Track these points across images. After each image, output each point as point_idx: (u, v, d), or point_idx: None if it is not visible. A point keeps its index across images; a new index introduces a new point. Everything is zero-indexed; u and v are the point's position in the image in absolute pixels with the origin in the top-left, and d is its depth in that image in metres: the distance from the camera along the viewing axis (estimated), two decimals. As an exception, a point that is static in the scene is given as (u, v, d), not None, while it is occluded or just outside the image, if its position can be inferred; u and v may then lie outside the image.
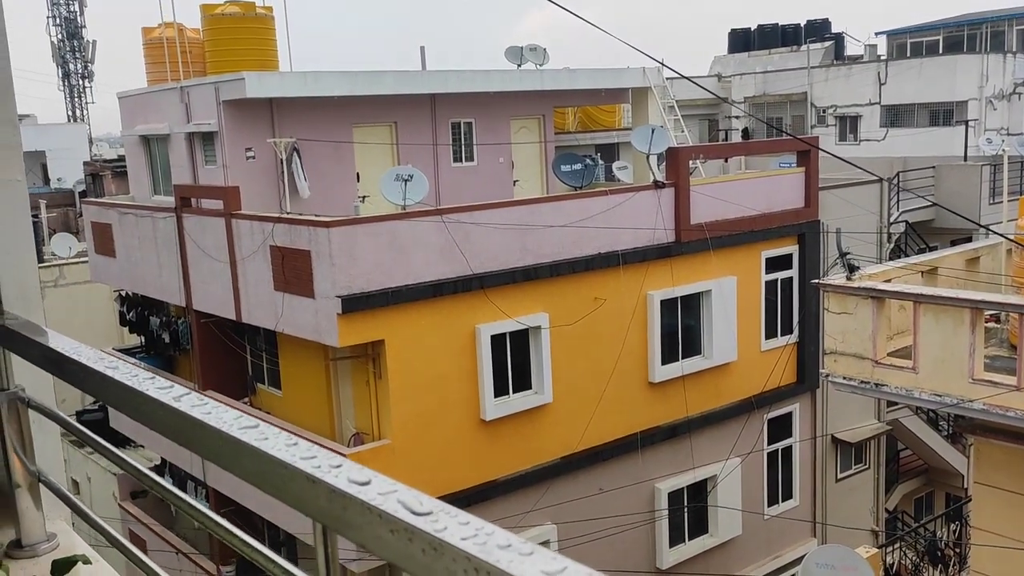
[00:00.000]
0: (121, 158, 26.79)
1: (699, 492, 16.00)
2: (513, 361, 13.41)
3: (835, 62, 37.22)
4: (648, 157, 15.74)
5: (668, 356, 15.08)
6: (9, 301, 2.22)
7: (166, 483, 1.58)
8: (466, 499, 12.57)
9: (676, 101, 19.98)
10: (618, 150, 22.57)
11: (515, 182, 18.36)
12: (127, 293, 17.84)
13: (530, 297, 13.44)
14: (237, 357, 15.26)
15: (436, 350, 12.68)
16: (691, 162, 16.30)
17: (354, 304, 11.91)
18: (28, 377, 2.18)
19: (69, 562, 1.93)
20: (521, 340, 13.49)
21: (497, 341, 13.17)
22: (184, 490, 17.15)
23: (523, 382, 13.59)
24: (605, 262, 14.06)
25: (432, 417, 12.65)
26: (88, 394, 1.65)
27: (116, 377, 1.53)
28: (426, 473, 12.48)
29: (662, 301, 14.85)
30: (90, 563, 1.99)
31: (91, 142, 43.18)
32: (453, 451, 12.88)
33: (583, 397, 14.05)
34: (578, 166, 17.22)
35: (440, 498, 1.18)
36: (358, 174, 16.43)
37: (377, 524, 0.96)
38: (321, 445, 5.50)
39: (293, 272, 12.47)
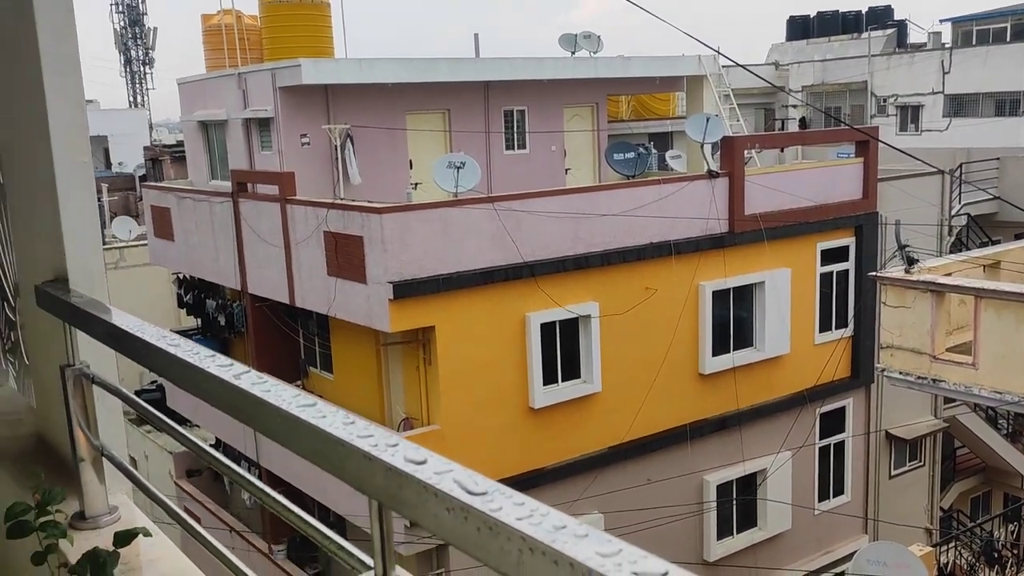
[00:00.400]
0: (180, 143, 27.33)
1: (748, 485, 15.84)
2: (562, 350, 13.40)
3: (897, 50, 36.31)
4: (702, 146, 15.55)
5: (719, 348, 14.92)
6: (75, 280, 2.28)
7: (226, 460, 1.62)
8: (514, 486, 12.40)
9: (732, 90, 19.70)
10: (672, 139, 22.35)
11: (567, 170, 18.30)
12: (185, 276, 18.23)
13: (581, 286, 13.40)
14: (290, 340, 15.50)
15: (486, 337, 12.73)
16: (746, 152, 16.07)
17: (405, 290, 12.01)
18: (92, 354, 2.24)
19: (130, 534, 1.98)
20: (571, 329, 13.47)
21: (547, 329, 13.17)
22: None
23: (572, 371, 13.58)
24: (657, 252, 13.95)
25: (481, 404, 12.71)
26: (150, 370, 1.69)
27: (178, 354, 1.57)
28: (474, 459, 12.51)
29: (714, 292, 14.69)
30: (150, 535, 2.04)
31: (151, 127, 44.15)
32: (501, 438, 12.94)
33: (632, 387, 13.99)
34: (631, 155, 17.09)
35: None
36: (411, 161, 16.54)
37: (433, 503, 0.97)
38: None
39: (346, 257, 12.61)
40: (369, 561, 1.23)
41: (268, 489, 1.46)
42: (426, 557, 12.68)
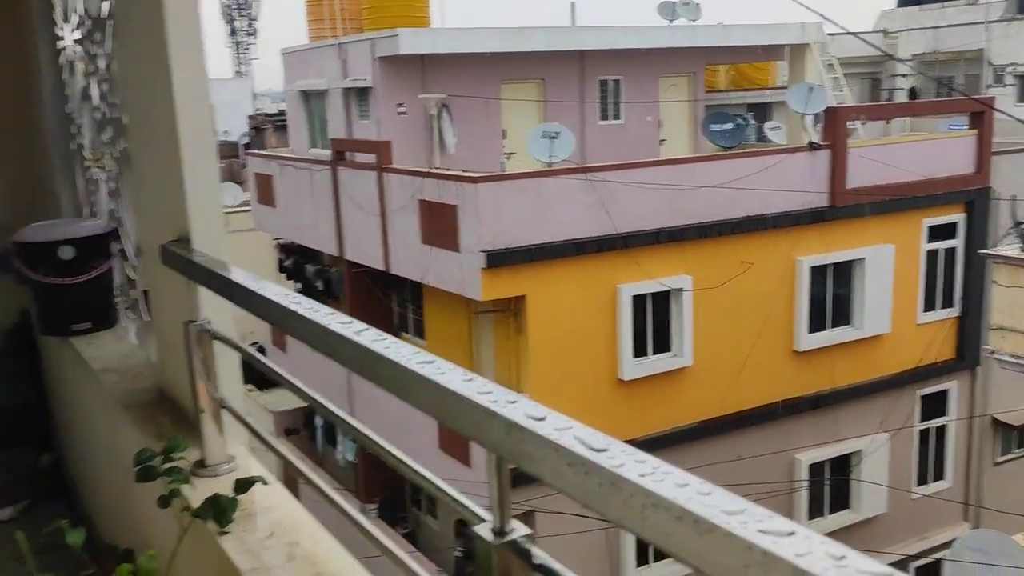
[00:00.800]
0: (281, 112, 28.02)
1: (842, 466, 15.47)
2: (654, 322, 13.30)
3: (1017, 15, 34.25)
4: (804, 117, 15.09)
5: (816, 325, 14.55)
6: (197, 240, 2.39)
7: (342, 413, 1.68)
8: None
9: (836, 59, 18.99)
10: (771, 110, 21.72)
11: (662, 141, 18.04)
12: (285, 241, 18.78)
13: (674, 258, 13.25)
14: (384, 307, 15.84)
15: (577, 307, 12.74)
16: (850, 123, 15.51)
17: (498, 259, 12.10)
18: (213, 311, 2.35)
19: (249, 482, 2.09)
20: (663, 301, 13.35)
21: (638, 301, 13.09)
22: (332, 429, 18.01)
23: (663, 344, 13.48)
24: (754, 225, 13.66)
25: (570, 373, 12.76)
26: (272, 325, 1.77)
27: (299, 311, 1.63)
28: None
29: (812, 267, 14.31)
30: (267, 484, 2.15)
31: (254, 96, 45.40)
32: (590, 408, 12.96)
33: (724, 362, 13.80)
34: (729, 126, 16.72)
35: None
36: (504, 131, 16.57)
37: (554, 457, 0.99)
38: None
39: (440, 226, 12.79)
40: (483, 514, 1.27)
41: (384, 442, 1.51)
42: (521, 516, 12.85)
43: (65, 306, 3.51)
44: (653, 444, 13.55)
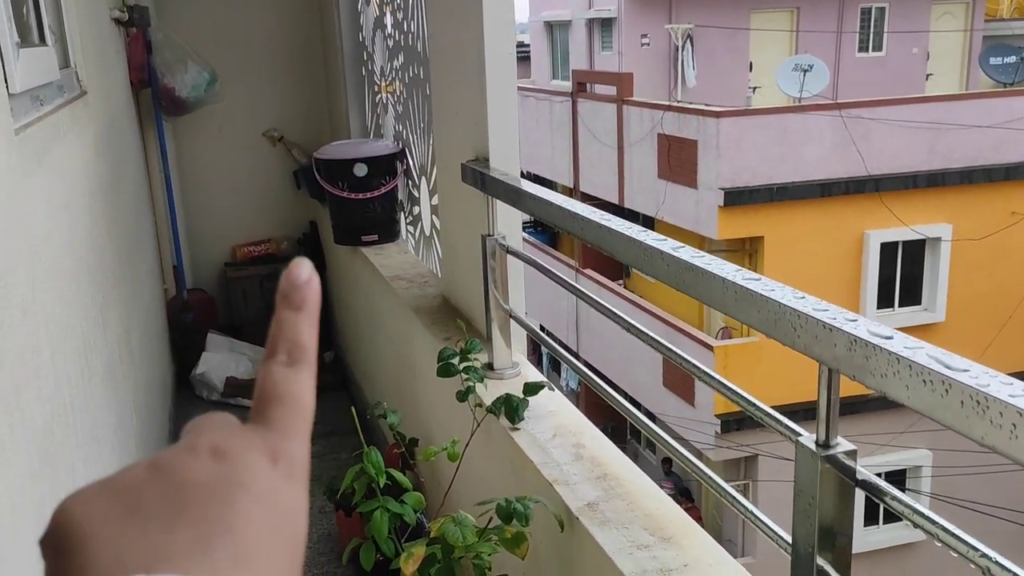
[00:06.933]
0: (524, 44, 28.43)
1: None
2: (902, 272, 12.47)
3: None
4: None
5: (1095, 287, 13.00)
6: (495, 160, 2.56)
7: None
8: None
9: None
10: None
11: (928, 76, 16.56)
12: (522, 171, 19.27)
13: (932, 205, 12.27)
14: (615, 240, 15.90)
15: (817, 252, 12.19)
16: None
17: (736, 198, 11.78)
18: (505, 226, 2.52)
19: (538, 386, 2.25)
20: (915, 251, 12.46)
21: (887, 249, 12.30)
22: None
23: (911, 296, 12.62)
24: (1030, 172, 12.32)
25: (806, 320, 12.27)
26: (583, 241, 1.88)
27: (611, 227, 1.73)
28: (791, 376, 12.23)
29: (1098, 222, 12.73)
30: (552, 390, 2.31)
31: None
32: (824, 357, 12.45)
33: (981, 321, 12.70)
34: (1011, 59, 15.03)
35: (800, 405, 1.17)
36: (751, 63, 15.90)
37: (906, 373, 1.02)
38: (687, 334, 5.80)
39: (678, 161, 12.60)
40: (798, 429, 1.31)
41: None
42: (734, 465, 12.76)
43: (358, 219, 3.87)
44: (891, 402, 12.83)
